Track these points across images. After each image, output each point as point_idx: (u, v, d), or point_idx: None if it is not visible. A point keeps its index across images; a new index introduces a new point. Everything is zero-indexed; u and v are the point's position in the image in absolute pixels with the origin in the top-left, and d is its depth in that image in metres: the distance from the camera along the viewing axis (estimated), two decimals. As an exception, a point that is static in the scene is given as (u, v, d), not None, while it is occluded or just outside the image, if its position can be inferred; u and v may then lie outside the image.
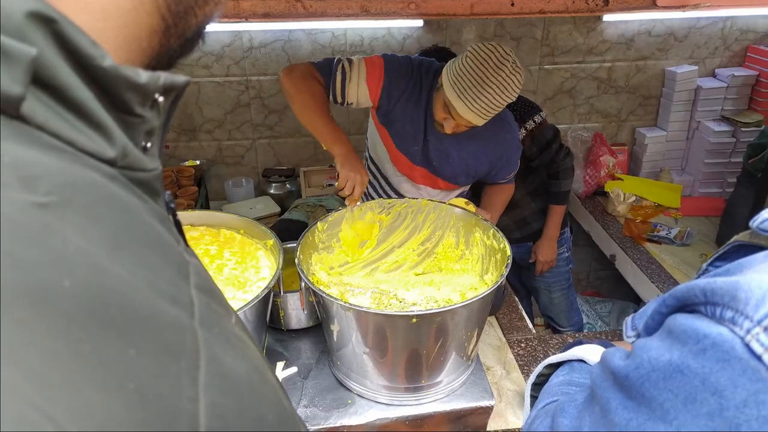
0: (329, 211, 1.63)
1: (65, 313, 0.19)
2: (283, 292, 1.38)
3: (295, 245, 1.32)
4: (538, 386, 0.79)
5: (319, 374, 1.35)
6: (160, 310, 0.23)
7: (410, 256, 1.56)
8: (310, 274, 1.36)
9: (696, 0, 1.42)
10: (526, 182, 2.07)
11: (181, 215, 1.38)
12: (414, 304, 1.40)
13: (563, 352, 0.77)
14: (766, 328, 0.38)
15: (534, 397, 0.79)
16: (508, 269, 1.22)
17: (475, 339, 1.27)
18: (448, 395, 1.29)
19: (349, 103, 1.57)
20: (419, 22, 2.42)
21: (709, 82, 2.67)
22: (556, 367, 0.78)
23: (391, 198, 1.69)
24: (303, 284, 1.24)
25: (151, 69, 0.29)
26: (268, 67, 2.45)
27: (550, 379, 0.75)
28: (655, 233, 2.30)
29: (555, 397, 0.67)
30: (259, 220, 1.48)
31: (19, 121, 0.23)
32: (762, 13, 2.61)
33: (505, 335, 1.67)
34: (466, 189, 1.84)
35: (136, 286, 0.23)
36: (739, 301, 0.40)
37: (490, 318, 1.73)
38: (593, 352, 0.73)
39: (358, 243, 1.53)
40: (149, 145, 0.31)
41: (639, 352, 0.46)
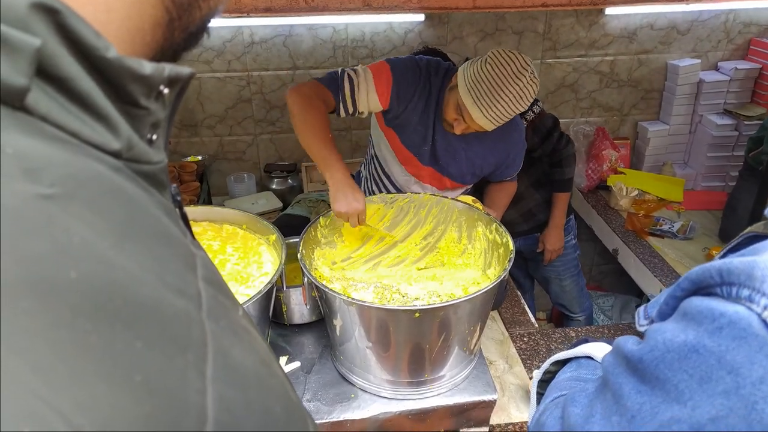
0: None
1: (71, 305, 0.19)
2: (286, 287, 1.38)
3: (298, 240, 1.32)
4: (544, 383, 0.79)
5: (322, 369, 1.36)
6: (167, 302, 0.23)
7: (413, 251, 1.55)
8: (312, 269, 1.37)
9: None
10: (529, 174, 2.07)
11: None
12: (417, 299, 1.40)
13: (570, 349, 0.77)
14: None
15: (540, 394, 0.79)
16: (511, 263, 1.22)
17: (478, 333, 1.27)
18: (450, 389, 1.29)
19: (360, 112, 1.55)
20: (420, 17, 2.41)
21: (712, 75, 2.66)
22: (562, 364, 0.78)
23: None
24: (306, 279, 1.24)
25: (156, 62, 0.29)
26: (270, 62, 2.45)
27: (558, 376, 0.74)
28: (658, 227, 2.29)
29: (563, 391, 0.67)
30: (262, 216, 1.48)
31: (23, 113, 0.23)
32: (765, 6, 2.59)
33: (507, 329, 1.67)
34: (469, 187, 1.83)
35: (143, 278, 0.23)
36: (756, 279, 0.40)
37: (493, 312, 1.73)
38: (601, 349, 0.73)
39: (361, 237, 1.53)
40: (155, 137, 0.30)
41: (653, 335, 0.46)
